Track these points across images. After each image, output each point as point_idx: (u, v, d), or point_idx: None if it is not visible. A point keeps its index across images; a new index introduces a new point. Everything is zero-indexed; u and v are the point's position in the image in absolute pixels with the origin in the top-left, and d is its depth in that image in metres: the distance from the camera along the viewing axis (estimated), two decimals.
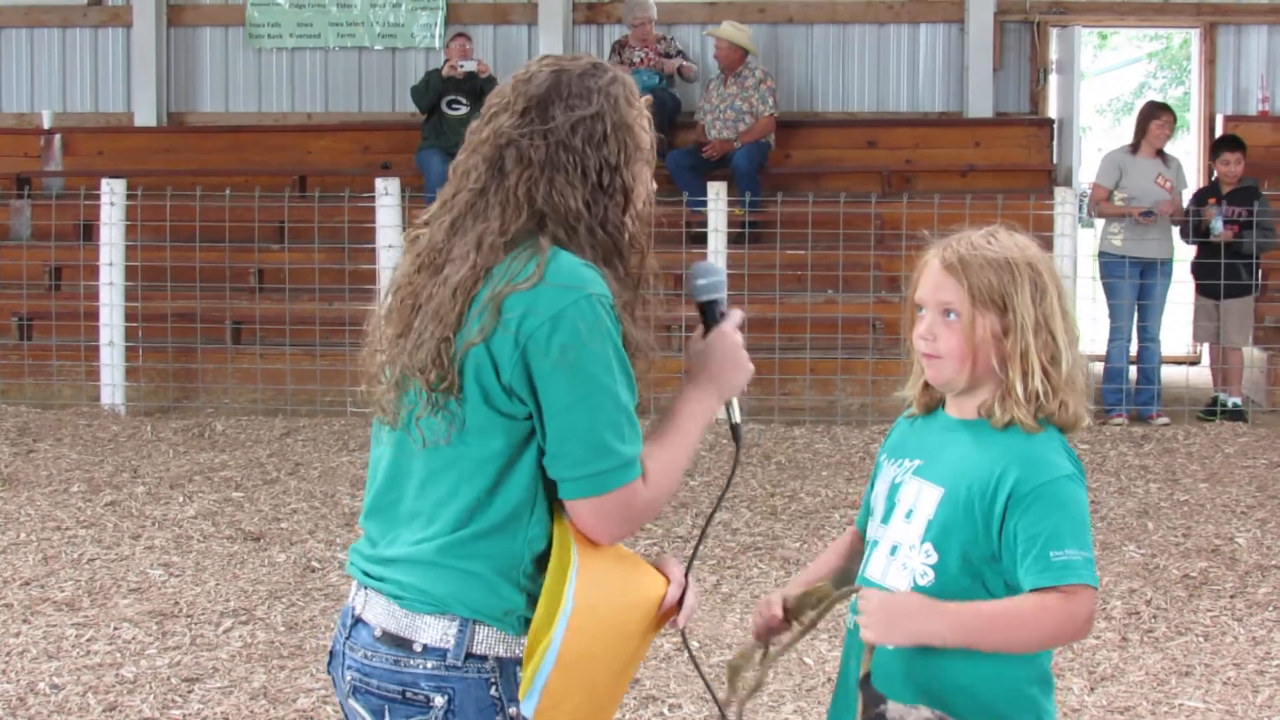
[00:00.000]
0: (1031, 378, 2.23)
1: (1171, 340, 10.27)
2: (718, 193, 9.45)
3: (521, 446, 2.12)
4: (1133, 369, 9.49)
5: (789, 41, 11.91)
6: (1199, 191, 9.96)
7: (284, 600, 5.52)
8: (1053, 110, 11.80)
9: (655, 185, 2.32)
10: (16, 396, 9.73)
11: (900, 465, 2.37)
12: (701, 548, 5.37)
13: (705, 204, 9.45)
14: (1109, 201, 9.47)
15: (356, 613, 2.21)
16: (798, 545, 6.31)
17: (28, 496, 7.15)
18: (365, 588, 2.21)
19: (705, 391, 2.28)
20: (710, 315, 2.35)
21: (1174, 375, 10.03)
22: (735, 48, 10.77)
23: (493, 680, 2.12)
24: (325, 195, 10.26)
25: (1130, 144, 9.64)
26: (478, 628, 2.12)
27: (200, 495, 7.18)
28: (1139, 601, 5.51)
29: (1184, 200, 9.63)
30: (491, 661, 2.12)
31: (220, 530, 6.53)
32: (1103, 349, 9.49)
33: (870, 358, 9.37)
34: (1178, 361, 10.68)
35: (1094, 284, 9.71)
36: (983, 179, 10.98)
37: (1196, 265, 9.60)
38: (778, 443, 8.48)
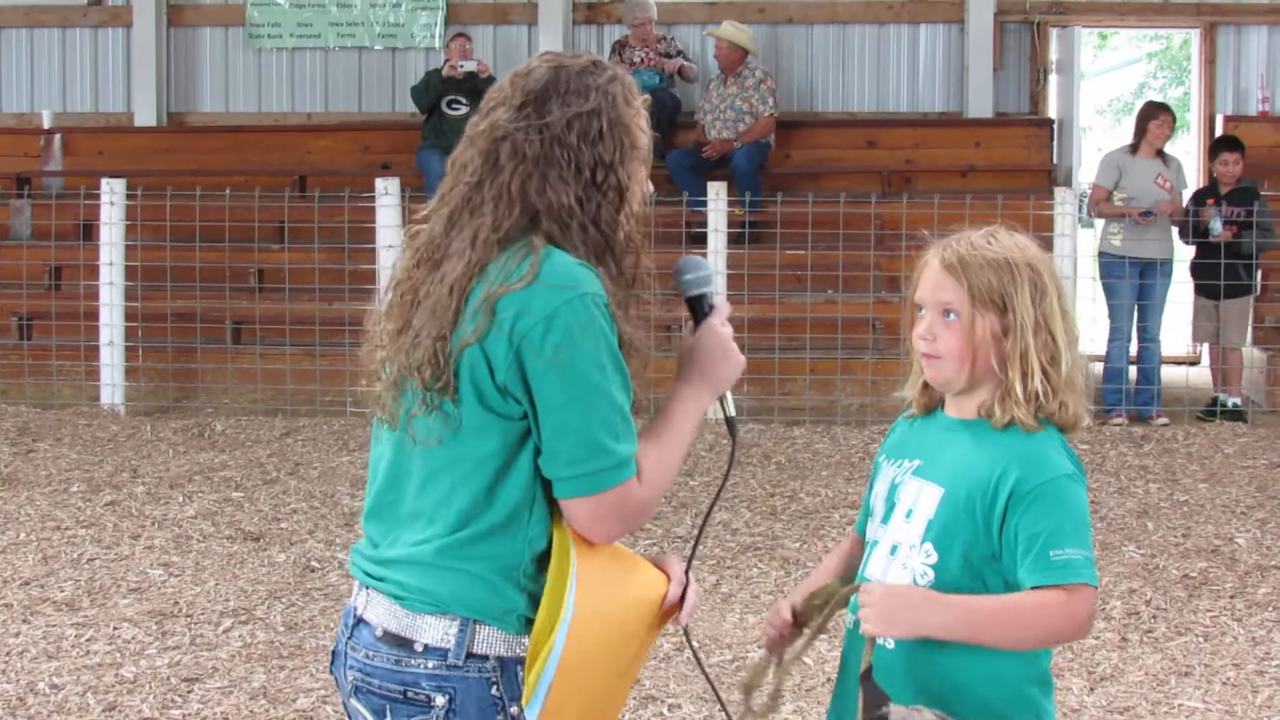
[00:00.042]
0: (1031, 378, 2.23)
1: (1171, 340, 10.26)
2: (718, 193, 9.45)
3: (518, 446, 2.12)
4: (1132, 369, 9.49)
5: (789, 41, 11.91)
6: (1198, 192, 9.96)
7: (284, 600, 5.52)
8: (1053, 110, 11.79)
9: (653, 186, 2.31)
10: (16, 396, 9.73)
11: (900, 465, 2.37)
12: (701, 547, 5.40)
13: (705, 204, 9.45)
14: (1108, 202, 9.46)
15: (358, 613, 2.21)
16: (798, 545, 6.31)
17: (27, 496, 7.15)
18: (367, 588, 2.21)
19: (697, 387, 2.27)
20: (699, 310, 2.33)
21: (1174, 375, 10.02)
22: (735, 48, 10.77)
23: (494, 680, 2.12)
24: (325, 195, 10.26)
25: (1130, 144, 9.64)
26: (478, 627, 2.12)
27: (200, 495, 7.18)
28: (1139, 602, 5.51)
29: (1183, 200, 9.63)
30: (492, 661, 2.12)
31: (220, 530, 6.53)
32: (1103, 349, 9.48)
33: (870, 358, 9.37)
34: (1177, 362, 10.67)
35: (1094, 284, 9.70)
36: (983, 179, 10.97)
37: (1196, 265, 9.60)
38: (777, 443, 8.48)
